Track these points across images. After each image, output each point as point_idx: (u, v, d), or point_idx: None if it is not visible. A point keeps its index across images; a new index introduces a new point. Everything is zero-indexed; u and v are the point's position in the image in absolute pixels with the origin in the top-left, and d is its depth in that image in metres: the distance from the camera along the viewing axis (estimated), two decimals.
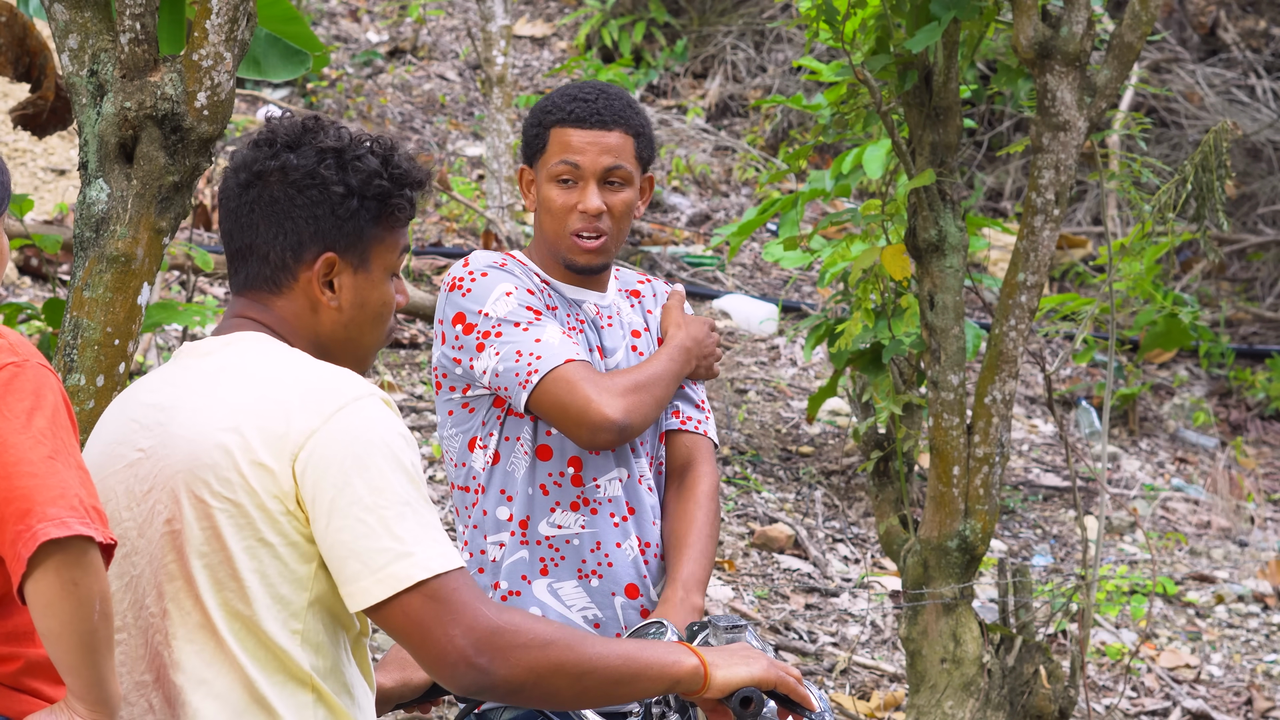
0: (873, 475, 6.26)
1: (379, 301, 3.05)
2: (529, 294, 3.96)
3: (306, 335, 3.03)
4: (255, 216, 2.99)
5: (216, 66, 4.00)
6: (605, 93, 4.02)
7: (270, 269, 3.00)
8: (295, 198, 2.98)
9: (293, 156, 2.98)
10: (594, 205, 3.97)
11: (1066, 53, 5.35)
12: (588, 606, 3.97)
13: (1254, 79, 12.84)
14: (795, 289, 10.85)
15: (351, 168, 2.99)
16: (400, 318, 9.33)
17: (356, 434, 2.87)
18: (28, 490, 2.73)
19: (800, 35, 13.16)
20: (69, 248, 8.03)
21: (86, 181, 4.02)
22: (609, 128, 3.99)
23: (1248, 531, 9.42)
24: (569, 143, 3.98)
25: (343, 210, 2.98)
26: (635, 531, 4.01)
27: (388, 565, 2.83)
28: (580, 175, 3.99)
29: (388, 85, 12.49)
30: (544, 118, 4.02)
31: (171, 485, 2.90)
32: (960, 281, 5.50)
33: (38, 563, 2.71)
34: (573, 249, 4.00)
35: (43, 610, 2.73)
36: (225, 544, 2.88)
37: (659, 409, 3.98)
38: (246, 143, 3.03)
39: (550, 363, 3.87)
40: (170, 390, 2.98)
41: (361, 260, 3.02)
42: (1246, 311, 12.00)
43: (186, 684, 2.90)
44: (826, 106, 6.52)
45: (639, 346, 4.10)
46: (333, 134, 3.01)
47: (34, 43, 5.25)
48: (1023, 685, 5.59)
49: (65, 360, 3.97)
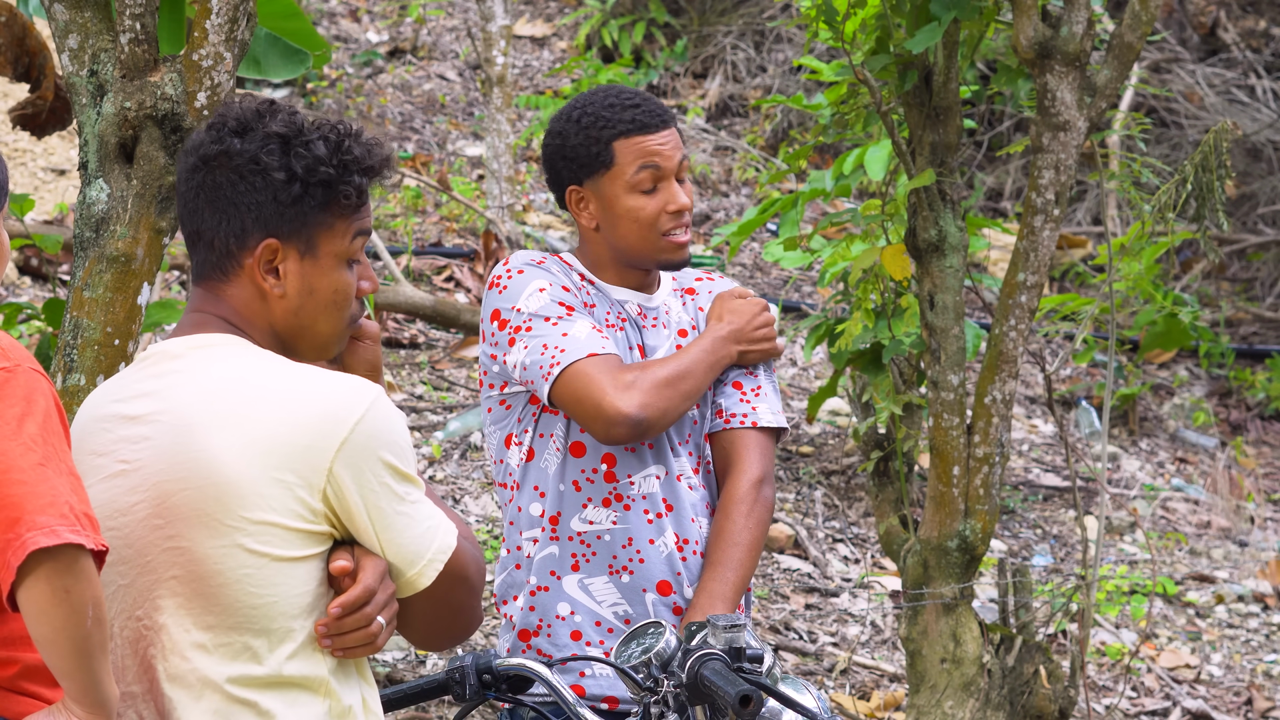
0: (873, 475, 6.25)
1: (329, 289, 3.02)
2: (563, 290, 3.97)
3: (262, 325, 3.01)
4: (201, 202, 2.98)
5: (216, 66, 4.00)
6: (640, 95, 4.05)
7: (216, 255, 2.99)
8: (238, 184, 2.96)
9: (237, 141, 2.96)
10: (685, 201, 4.02)
11: (1066, 53, 5.35)
12: (618, 602, 3.97)
13: (1254, 79, 12.84)
14: (795, 289, 10.85)
15: (296, 154, 2.96)
16: (400, 318, 9.33)
17: (381, 438, 2.92)
18: (17, 498, 2.72)
19: (800, 35, 13.16)
20: (69, 248, 8.03)
21: (86, 181, 4.02)
22: (669, 125, 4.04)
23: (1248, 531, 9.42)
24: (644, 149, 4.00)
25: (284, 196, 2.96)
26: (673, 528, 4.01)
27: (433, 543, 2.97)
28: (663, 176, 4.00)
29: (388, 85, 12.49)
30: (602, 134, 4.00)
31: (172, 502, 2.88)
32: (960, 281, 5.50)
33: (28, 571, 2.71)
34: (668, 248, 4.03)
35: (36, 618, 2.73)
36: (234, 562, 2.87)
37: (686, 403, 3.97)
38: (203, 125, 3.03)
39: (572, 356, 3.89)
40: (151, 402, 2.95)
41: (308, 247, 2.99)
42: (1246, 311, 12.00)
43: (182, 699, 2.90)
44: (826, 106, 6.52)
45: (684, 346, 4.09)
46: (283, 119, 2.99)
47: (34, 43, 5.25)
48: (1023, 685, 5.59)
49: (65, 360, 3.96)
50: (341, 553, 2.93)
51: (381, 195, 11.01)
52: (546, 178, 4.09)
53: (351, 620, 2.90)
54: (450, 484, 7.85)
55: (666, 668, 3.44)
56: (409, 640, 3.10)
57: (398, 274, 9.11)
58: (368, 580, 2.91)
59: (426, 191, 11.05)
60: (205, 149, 2.99)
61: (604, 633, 3.96)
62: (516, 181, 10.88)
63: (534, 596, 3.98)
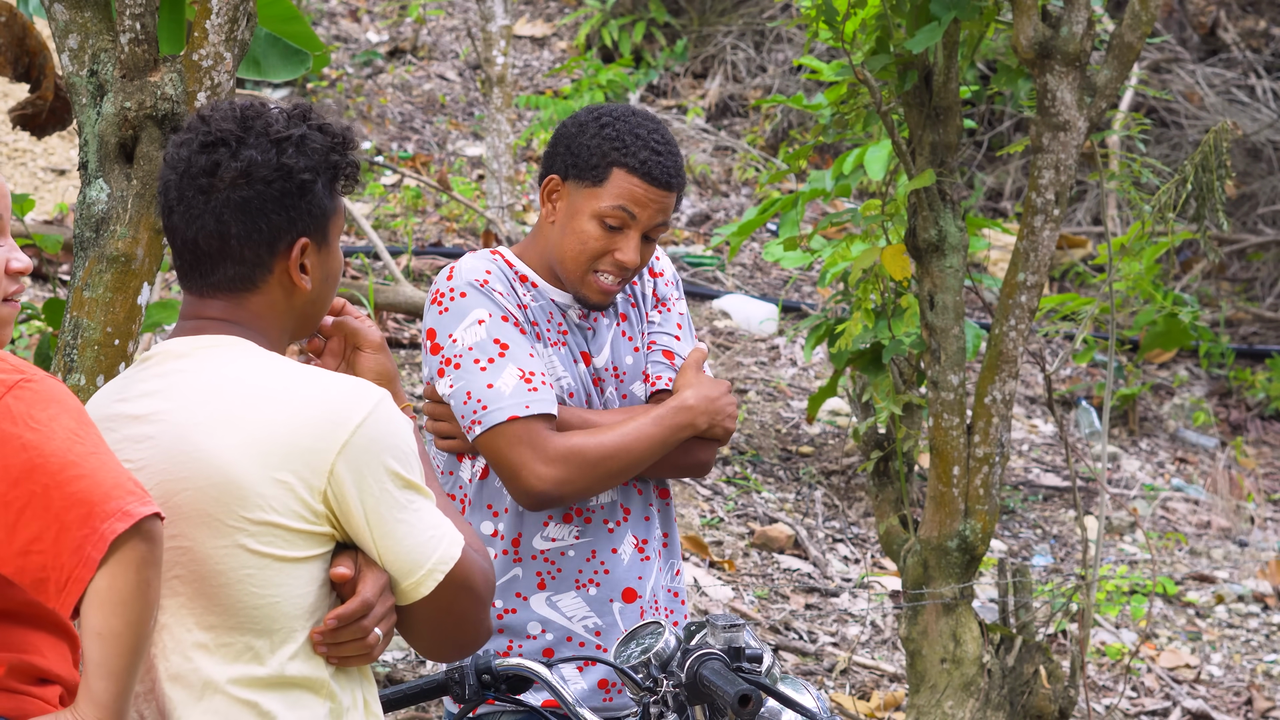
0: (873, 475, 6.26)
1: (338, 268, 3.07)
2: (502, 321, 3.88)
3: (279, 324, 3.02)
4: (226, 218, 2.96)
5: (216, 66, 4.00)
6: (670, 146, 3.94)
7: (246, 267, 2.98)
8: (265, 193, 2.95)
9: (254, 154, 2.96)
10: (631, 258, 3.91)
11: (1066, 53, 5.35)
12: (588, 615, 3.95)
13: (1254, 79, 12.84)
14: (795, 289, 10.85)
15: (307, 150, 2.98)
16: (400, 318, 9.33)
17: (383, 442, 2.91)
18: (83, 493, 2.73)
19: (800, 35, 13.16)
20: (69, 248, 8.03)
21: (86, 181, 4.02)
22: (671, 190, 3.93)
23: (1248, 531, 9.42)
24: (633, 194, 3.90)
25: (309, 197, 2.98)
26: (631, 531, 4.00)
27: (435, 551, 2.94)
28: (631, 226, 3.92)
29: (388, 85, 12.49)
30: (611, 153, 3.92)
31: (175, 502, 2.88)
32: (960, 281, 5.50)
33: (108, 560, 2.71)
34: (590, 286, 3.94)
35: (113, 609, 2.73)
36: (236, 563, 2.88)
37: (615, 480, 3.90)
38: (188, 144, 2.98)
39: (493, 418, 3.82)
40: (156, 402, 2.95)
41: (324, 236, 3.02)
42: (1246, 311, 12.00)
43: (183, 699, 2.90)
44: (827, 106, 6.52)
45: (628, 331, 4.05)
46: (273, 118, 2.99)
47: (34, 43, 5.25)
48: (1023, 685, 5.59)
49: (65, 360, 3.96)
50: (343, 559, 2.92)
51: (382, 195, 11.02)
52: (544, 153, 4.03)
53: (348, 632, 2.91)
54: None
55: (666, 668, 3.44)
56: (415, 649, 3.10)
57: (398, 274, 9.10)
58: (366, 594, 2.91)
59: (426, 191, 11.05)
60: (222, 168, 2.96)
61: (575, 647, 3.95)
62: (516, 181, 10.88)
63: (501, 620, 3.94)
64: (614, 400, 4.01)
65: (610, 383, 4.01)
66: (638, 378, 4.04)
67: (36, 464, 2.76)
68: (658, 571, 4.03)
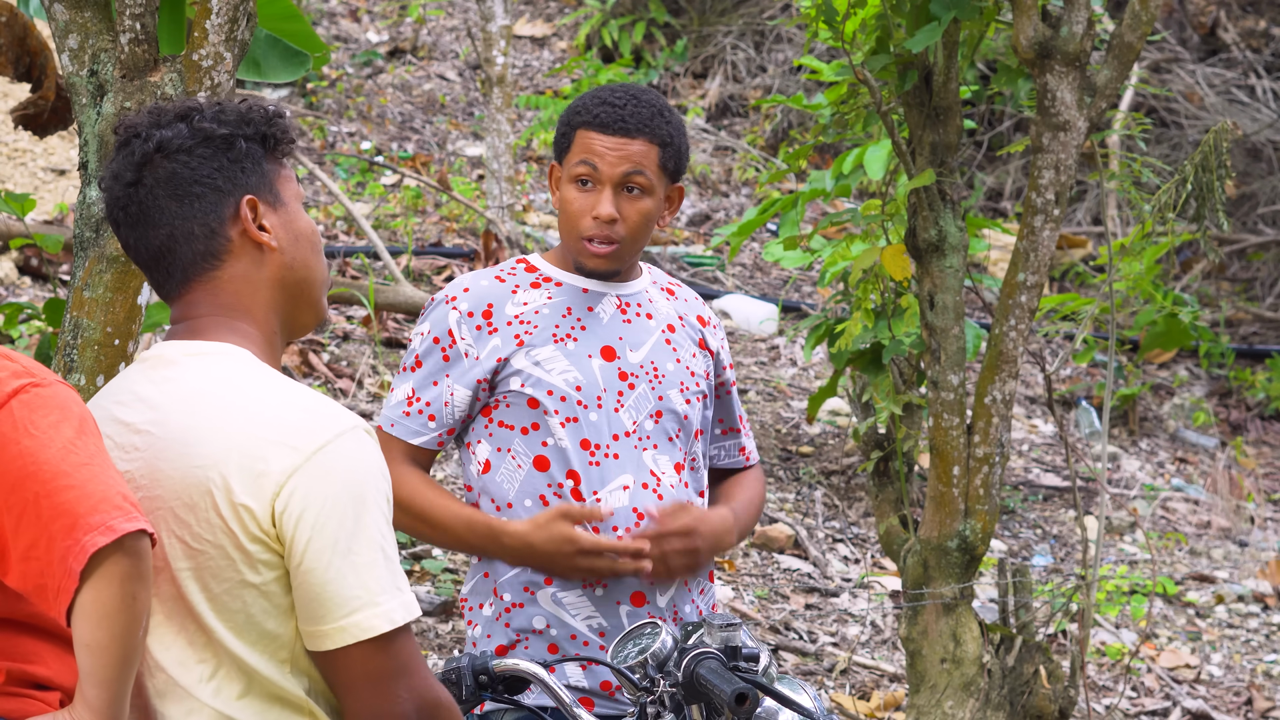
0: (873, 475, 6.26)
1: (309, 229, 3.04)
2: (433, 342, 3.99)
3: (264, 301, 2.99)
4: (161, 199, 2.95)
5: (216, 66, 4.00)
6: (636, 99, 4.00)
7: (202, 243, 2.96)
8: (189, 161, 2.95)
9: (165, 131, 2.96)
10: (606, 211, 3.96)
11: (1066, 53, 5.36)
12: (593, 615, 3.95)
13: (1254, 79, 12.84)
14: (795, 289, 10.86)
15: (221, 118, 2.98)
16: (400, 318, 9.33)
17: (336, 475, 2.83)
18: (69, 504, 2.72)
19: (800, 35, 13.16)
20: (69, 248, 8.03)
21: (86, 181, 4.02)
22: (632, 136, 3.97)
23: (1248, 531, 9.42)
24: (590, 146, 3.98)
25: (234, 153, 2.97)
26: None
27: (354, 613, 2.82)
28: (598, 179, 3.98)
29: (388, 85, 12.49)
30: (572, 118, 4.02)
31: (156, 517, 2.87)
32: (960, 281, 5.51)
33: (91, 573, 2.70)
34: (583, 252, 4.01)
35: (98, 622, 2.72)
36: (206, 584, 2.86)
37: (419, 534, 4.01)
38: (114, 160, 2.99)
39: (380, 417, 4.04)
40: (146, 411, 2.94)
41: (275, 196, 3.00)
42: (1246, 311, 12.00)
43: (171, 713, 2.89)
44: (826, 106, 6.52)
45: (673, 341, 4.08)
46: (179, 105, 3.01)
47: (34, 43, 5.25)
48: (1023, 685, 5.59)
49: (65, 360, 3.97)
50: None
51: (382, 195, 11.03)
52: None
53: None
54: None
55: (663, 667, 3.44)
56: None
57: (398, 274, 9.11)
58: None
59: (426, 191, 11.05)
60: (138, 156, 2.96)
61: (579, 646, 3.95)
62: (516, 181, 10.88)
63: (509, 613, 3.95)
64: (645, 398, 4.02)
65: (644, 381, 4.02)
66: (675, 387, 4.05)
67: (30, 471, 2.75)
68: (681, 584, 4.02)
